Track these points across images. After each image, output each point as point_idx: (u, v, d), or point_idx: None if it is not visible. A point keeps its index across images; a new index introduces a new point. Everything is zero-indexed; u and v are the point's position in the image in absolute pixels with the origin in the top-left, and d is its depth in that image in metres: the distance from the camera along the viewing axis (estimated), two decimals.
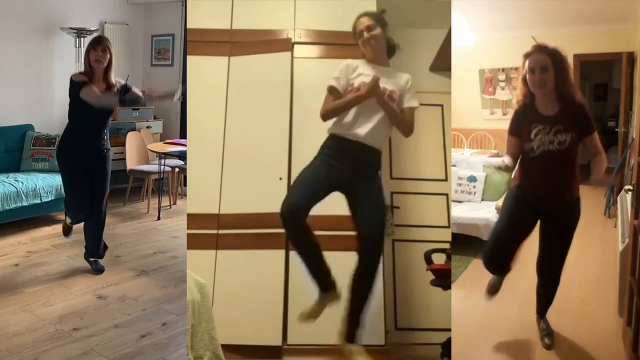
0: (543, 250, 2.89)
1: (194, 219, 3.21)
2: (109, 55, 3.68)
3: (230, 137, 3.33)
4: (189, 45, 3.48)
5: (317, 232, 3.19)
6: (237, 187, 3.25)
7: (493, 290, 3.10)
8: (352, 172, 2.46)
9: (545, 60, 2.62)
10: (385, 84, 2.48)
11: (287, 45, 3.42)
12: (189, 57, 3.46)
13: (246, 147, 3.30)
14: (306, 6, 3.49)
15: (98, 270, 4.04)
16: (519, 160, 2.81)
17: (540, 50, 2.65)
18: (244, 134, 3.33)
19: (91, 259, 4.09)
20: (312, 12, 3.48)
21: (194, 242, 3.17)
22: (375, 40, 2.54)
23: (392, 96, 2.50)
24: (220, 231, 3.20)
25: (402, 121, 2.49)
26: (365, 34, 2.54)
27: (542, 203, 2.76)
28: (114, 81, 3.73)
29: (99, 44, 3.69)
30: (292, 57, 3.40)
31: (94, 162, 3.87)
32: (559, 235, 2.80)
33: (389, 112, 2.45)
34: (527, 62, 2.67)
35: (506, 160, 2.76)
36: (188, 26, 3.48)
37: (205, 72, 3.41)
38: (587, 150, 2.71)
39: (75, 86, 3.61)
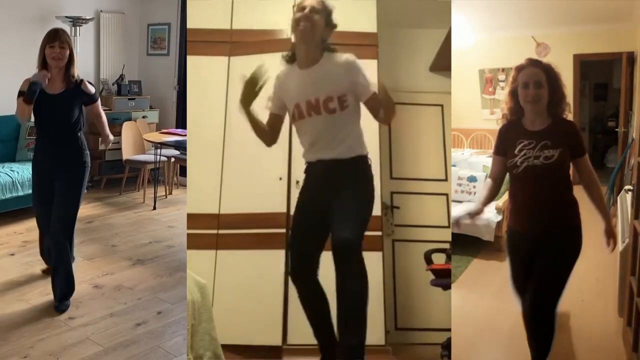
0: (536, 290, 2.41)
1: (194, 219, 3.21)
2: (68, 52, 3.18)
3: (230, 137, 3.33)
4: (189, 45, 3.47)
5: None
6: (237, 187, 3.25)
7: None
8: (328, 194, 2.20)
9: (540, 76, 2.36)
10: (316, 90, 2.14)
11: (287, 45, 3.41)
12: (189, 57, 3.46)
13: (246, 147, 3.30)
14: None
15: (61, 309, 3.25)
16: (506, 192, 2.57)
17: (534, 64, 2.41)
18: (244, 134, 3.32)
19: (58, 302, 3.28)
20: None
21: (194, 242, 3.17)
22: (312, 25, 2.11)
23: (328, 105, 2.12)
24: (220, 231, 3.20)
25: (382, 105, 2.10)
26: (306, 12, 2.12)
27: (533, 228, 2.41)
28: (75, 78, 3.21)
29: (56, 39, 3.15)
30: None
31: (57, 172, 3.25)
32: (555, 266, 2.39)
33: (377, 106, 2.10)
34: (519, 76, 2.39)
35: (472, 207, 2.57)
36: (188, 26, 3.47)
37: (205, 72, 3.41)
38: (578, 175, 2.43)
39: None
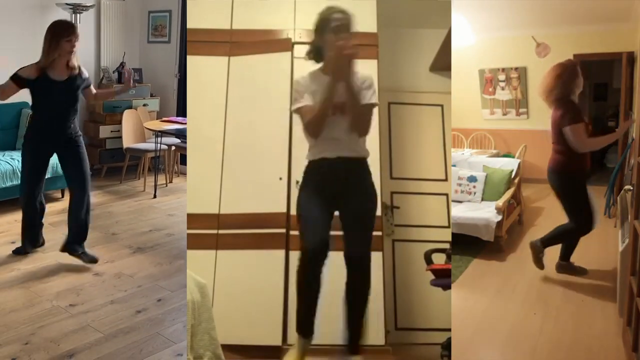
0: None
1: (194, 219, 3.21)
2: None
3: (230, 137, 3.33)
4: (189, 45, 3.47)
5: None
6: (237, 187, 3.25)
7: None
8: (341, 190, 2.38)
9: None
10: (339, 96, 2.31)
11: (287, 45, 3.42)
12: (189, 57, 3.46)
13: (246, 147, 3.30)
14: (306, 6, 3.49)
15: (91, 259, 3.76)
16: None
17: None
18: (244, 134, 3.33)
19: (79, 250, 3.79)
20: (312, 12, 3.47)
21: (194, 242, 3.17)
22: (356, 52, 2.23)
23: (342, 108, 2.32)
24: (220, 231, 3.20)
25: (358, 115, 2.31)
26: (345, 36, 2.31)
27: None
28: (76, 65, 3.57)
29: (73, 34, 3.48)
30: (292, 57, 3.40)
31: (63, 149, 3.72)
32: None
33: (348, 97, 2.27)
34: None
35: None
36: (188, 26, 3.48)
37: (205, 72, 3.41)
38: None
39: (26, 82, 3.49)
